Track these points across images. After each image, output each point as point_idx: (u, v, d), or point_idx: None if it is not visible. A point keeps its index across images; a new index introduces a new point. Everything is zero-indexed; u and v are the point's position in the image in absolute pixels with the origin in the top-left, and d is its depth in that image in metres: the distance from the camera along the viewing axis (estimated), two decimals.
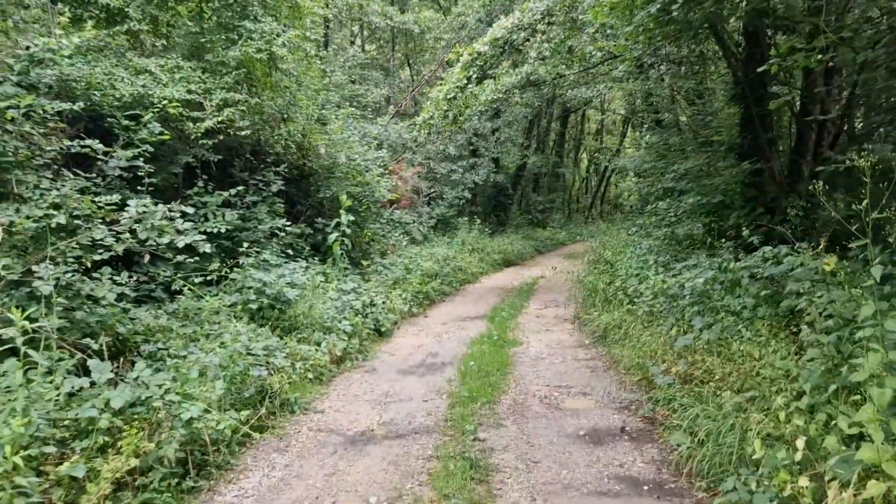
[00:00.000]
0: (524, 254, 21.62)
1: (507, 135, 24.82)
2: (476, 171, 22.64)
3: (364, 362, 8.29)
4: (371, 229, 13.46)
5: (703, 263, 7.73)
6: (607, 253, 12.07)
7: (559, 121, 34.06)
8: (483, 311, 11.98)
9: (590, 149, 41.68)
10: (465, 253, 17.88)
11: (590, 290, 10.69)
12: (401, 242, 15.98)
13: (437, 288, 13.23)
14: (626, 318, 8.14)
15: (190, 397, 4.64)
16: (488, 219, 25.09)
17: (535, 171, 30.41)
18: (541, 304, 12.56)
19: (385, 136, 17.16)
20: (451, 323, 10.97)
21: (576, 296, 12.07)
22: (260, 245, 9.58)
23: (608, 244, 14.65)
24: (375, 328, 9.70)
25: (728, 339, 5.55)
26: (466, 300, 13.39)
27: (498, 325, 10.45)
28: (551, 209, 32.49)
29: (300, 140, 11.94)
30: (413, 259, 14.52)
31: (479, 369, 7.53)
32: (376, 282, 11.93)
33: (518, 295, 13.77)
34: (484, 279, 16.62)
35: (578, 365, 7.78)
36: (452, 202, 21.69)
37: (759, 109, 10.41)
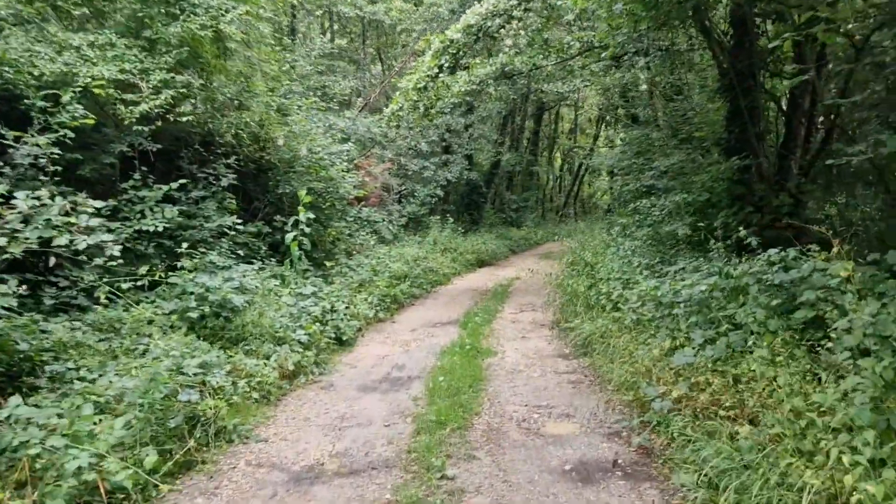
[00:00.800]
0: (498, 254, 20.81)
1: (481, 131, 24.00)
2: (449, 169, 21.78)
3: (321, 377, 7.37)
4: (335, 228, 12.52)
5: (700, 267, 6.96)
6: (587, 254, 11.29)
7: (533, 118, 33.34)
8: (455, 315, 11.12)
9: (563, 147, 41.07)
10: (436, 253, 17.01)
11: (570, 294, 9.88)
12: (368, 242, 15.06)
13: (406, 291, 12.34)
14: (610, 326, 7.32)
15: (81, 439, 3.69)
16: (461, 217, 24.24)
17: (509, 169, 29.63)
18: (516, 308, 11.74)
19: (353, 129, 16.21)
20: (421, 329, 10.09)
21: (554, 300, 11.28)
22: (208, 245, 8.62)
23: (587, 244, 13.87)
24: (336, 337, 8.78)
25: (736, 357, 4.76)
26: (438, 303, 12.52)
27: (471, 331, 9.60)
28: (525, 208, 31.75)
29: (257, 131, 10.99)
30: (381, 260, 13.62)
31: (450, 386, 6.65)
32: (340, 284, 11.00)
33: (492, 298, 12.93)
34: (457, 280, 15.77)
35: (559, 379, 6.95)
36: (424, 200, 20.80)
37: (747, 101, 9.70)
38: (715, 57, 10.89)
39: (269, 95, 11.06)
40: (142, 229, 7.55)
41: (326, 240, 12.18)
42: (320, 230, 11.96)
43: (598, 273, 9.65)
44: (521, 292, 13.62)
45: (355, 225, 15.55)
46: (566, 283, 10.52)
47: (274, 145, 11.10)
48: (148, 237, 7.77)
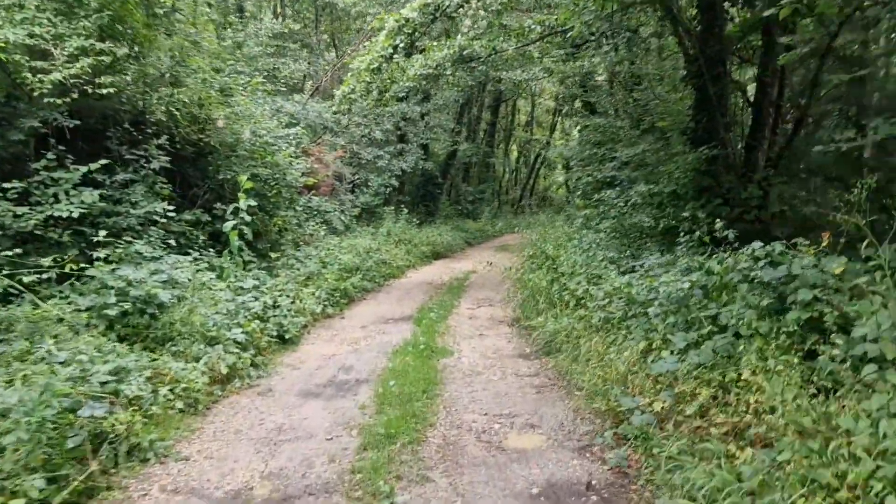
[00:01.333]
0: (454, 246, 20.20)
1: (437, 120, 23.31)
2: (404, 158, 21.04)
3: (259, 380, 6.61)
4: (282, 217, 11.68)
5: (675, 262, 6.42)
6: (548, 246, 10.74)
7: (490, 110, 32.82)
8: (409, 311, 10.44)
9: (520, 140, 40.70)
10: (390, 245, 16.29)
11: (530, 289, 9.30)
12: (319, 233, 14.25)
13: (357, 284, 11.60)
14: (576, 325, 6.75)
15: None
16: (416, 209, 23.54)
17: (465, 160, 29.05)
18: (473, 303, 11.12)
19: (303, 114, 15.32)
20: (372, 326, 9.39)
21: (513, 295, 10.70)
22: (135, 233, 7.74)
23: (547, 236, 13.33)
24: (279, 335, 8.01)
25: (723, 364, 4.21)
26: (391, 298, 11.82)
27: (425, 328, 8.94)
28: (482, 200, 31.23)
29: (196, 112, 10.09)
30: (331, 251, 12.84)
31: (402, 391, 5.97)
32: (285, 278, 10.20)
33: (448, 292, 12.29)
34: (411, 273, 15.08)
35: (521, 383, 6.35)
36: (378, 190, 20.03)
37: (716, 89, 9.27)
38: (681, 43, 10.45)
39: (208, 73, 10.15)
40: (55, 215, 6.64)
41: (272, 230, 11.35)
42: (265, 219, 11.13)
43: (560, 267, 9.09)
44: (478, 286, 13.02)
45: (305, 214, 14.71)
46: (526, 277, 9.95)
47: (214, 127, 10.21)
48: (63, 224, 6.87)
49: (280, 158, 11.06)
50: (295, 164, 11.77)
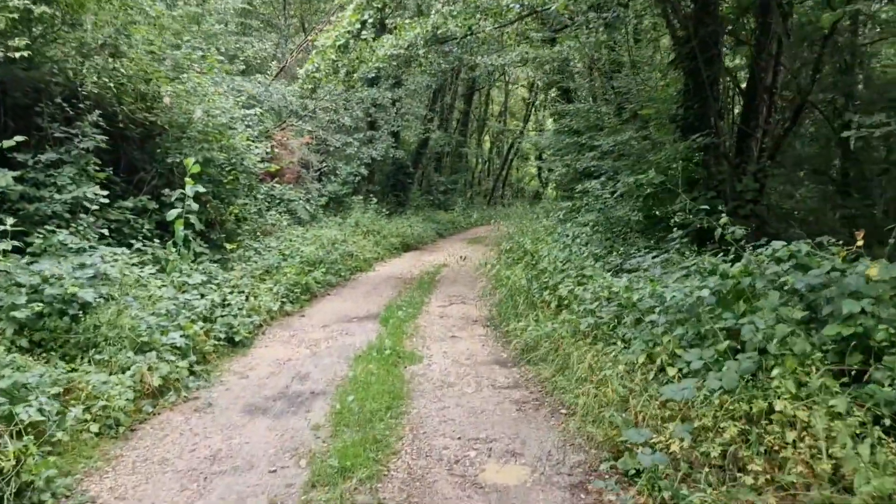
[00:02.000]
0: (425, 238, 19.35)
1: (409, 106, 22.37)
2: (374, 146, 20.09)
3: (199, 392, 5.71)
4: (239, 205, 10.71)
5: (682, 262, 5.65)
6: (526, 240, 9.95)
7: (463, 98, 31.95)
8: (375, 308, 9.59)
9: (493, 130, 39.91)
10: (358, 236, 15.39)
11: (508, 287, 8.50)
12: (281, 222, 13.30)
13: (320, 279, 10.70)
14: (560, 330, 5.97)
15: None
16: (386, 199, 22.64)
17: (437, 149, 28.18)
18: (445, 300, 10.31)
19: (266, 96, 14.29)
20: (334, 325, 8.53)
21: (488, 292, 9.92)
22: (62, 221, 6.78)
23: (524, 229, 12.52)
24: (228, 337, 7.11)
25: (751, 389, 3.45)
26: (356, 293, 10.94)
27: (392, 329, 8.10)
28: (454, 191, 30.40)
29: (144, 88, 9.11)
30: (294, 243, 11.92)
31: (362, 409, 5.13)
32: (241, 271, 9.28)
33: (418, 287, 11.45)
34: (379, 266, 14.21)
35: (499, 397, 5.55)
36: (347, 179, 19.06)
37: (710, 72, 8.56)
38: (669, 24, 9.72)
39: (156, 45, 9.14)
40: None
41: (228, 219, 10.38)
42: (220, 207, 10.16)
43: (540, 263, 8.32)
44: (450, 281, 12.21)
45: (266, 203, 13.75)
46: (502, 273, 9.14)
47: (162, 105, 9.21)
48: None
49: (237, 141, 10.08)
50: (254, 148, 10.78)
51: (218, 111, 9.91)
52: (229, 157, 10.31)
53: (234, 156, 10.32)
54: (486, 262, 10.70)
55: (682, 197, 8.23)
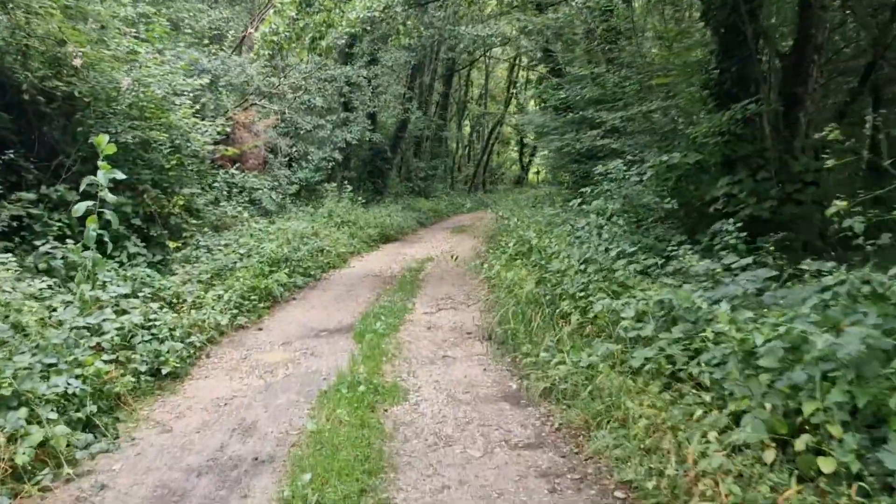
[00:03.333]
0: (405, 227, 17.58)
1: (387, 84, 20.51)
2: (348, 128, 18.23)
3: (95, 461, 3.98)
4: (185, 195, 8.90)
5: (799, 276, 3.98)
6: (530, 233, 8.24)
7: (443, 80, 30.08)
8: (349, 317, 7.89)
9: (473, 114, 38.10)
10: (331, 227, 13.62)
11: (514, 294, 6.81)
12: (242, 214, 11.47)
13: (284, 281, 8.94)
14: (602, 366, 4.29)
15: None
16: (363, 186, 20.83)
17: (417, 133, 26.33)
18: (432, 305, 8.62)
19: (222, 70, 12.39)
20: (298, 342, 6.82)
21: (482, 294, 8.26)
22: None
23: (521, 217, 10.77)
24: (153, 369, 5.37)
25: None
26: (328, 297, 9.20)
27: (369, 348, 6.41)
28: (434, 177, 28.60)
29: (59, 52, 7.32)
30: (255, 237, 10.13)
31: (323, 498, 3.43)
32: (184, 276, 7.52)
33: (400, 288, 9.74)
34: (355, 262, 12.46)
35: (519, 465, 3.88)
36: (319, 165, 17.20)
37: (755, 26, 6.91)
38: None
39: None
40: None
41: (172, 211, 8.57)
42: (161, 198, 8.35)
43: (550, 262, 6.64)
44: (437, 279, 10.50)
45: (225, 192, 11.91)
46: (504, 274, 7.44)
47: (81, 72, 7.37)
48: None
49: (176, 118, 8.26)
50: (201, 127, 8.96)
51: (152, 80, 8.06)
52: (171, 138, 8.50)
53: (176, 136, 8.50)
54: (480, 259, 9.01)
55: (724, 179, 6.62)
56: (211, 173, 11.23)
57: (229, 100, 13.97)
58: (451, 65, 29.75)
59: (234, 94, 14.23)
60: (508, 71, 37.27)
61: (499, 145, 41.94)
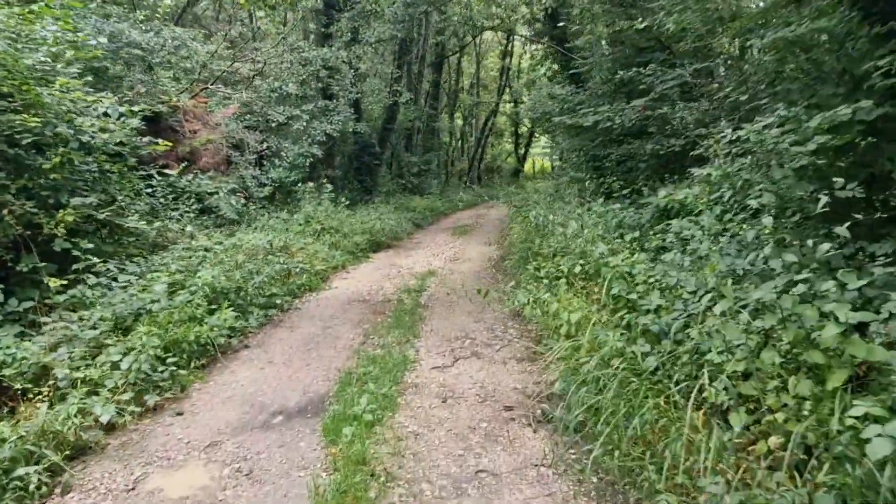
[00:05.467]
0: (399, 232, 14.71)
1: (371, 64, 17.65)
2: (328, 119, 15.36)
3: None
4: (74, 209, 6.02)
5: None
6: (598, 245, 5.30)
7: (432, 68, 27.23)
8: (320, 381, 5.11)
9: (465, 104, 35.24)
10: (307, 237, 10.79)
11: (574, 348, 3.96)
12: (186, 228, 8.64)
13: (230, 324, 6.11)
14: None
15: None
16: (349, 185, 18.00)
17: (407, 125, 23.47)
18: (443, 350, 5.83)
19: (155, 45, 9.49)
20: (230, 444, 4.06)
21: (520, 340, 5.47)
22: None
23: (555, 215, 7.86)
24: None
25: None
26: (293, 342, 6.39)
27: (346, 461, 3.62)
28: (428, 172, 25.71)
29: None
30: (196, 260, 7.33)
31: None
32: (58, 336, 4.71)
33: (396, 321, 6.92)
34: (338, 280, 9.62)
35: None
36: (295, 162, 14.34)
37: None
38: None
39: None
40: None
41: (56, 232, 5.71)
42: (34, 214, 5.50)
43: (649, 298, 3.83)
44: (445, 305, 7.68)
45: (162, 200, 9.08)
46: (560, 313, 4.57)
47: None
48: None
49: (50, 98, 5.41)
50: (96, 107, 6.12)
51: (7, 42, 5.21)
52: (49, 123, 5.65)
53: (56, 121, 5.65)
54: (504, 276, 6.19)
55: None
56: (140, 176, 8.39)
57: (178, 85, 11.11)
58: (440, 51, 26.94)
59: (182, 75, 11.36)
60: (501, 57, 34.46)
61: (493, 137, 39.11)
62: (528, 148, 41.22)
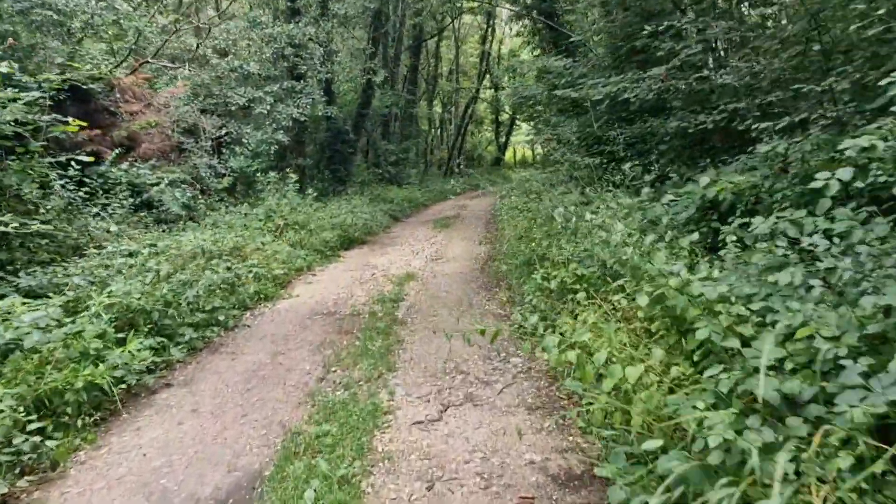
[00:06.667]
0: (374, 226, 13.11)
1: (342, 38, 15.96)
2: (295, 101, 13.66)
3: None
4: None
5: None
6: (623, 250, 3.80)
7: (410, 52, 25.52)
8: (255, 451, 3.57)
9: (444, 91, 33.56)
10: (267, 235, 9.18)
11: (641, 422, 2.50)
12: (109, 227, 7.02)
13: (134, 360, 4.52)
14: None
15: None
16: (322, 175, 16.33)
17: (384, 111, 21.78)
18: (425, 384, 4.33)
19: (75, 6, 7.76)
20: None
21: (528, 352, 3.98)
22: None
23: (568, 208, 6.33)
24: None
25: None
26: (230, 379, 4.82)
27: None
28: (406, 161, 24.04)
29: None
30: (110, 270, 5.73)
31: None
32: None
33: (365, 345, 5.37)
34: (301, 285, 8.04)
35: None
36: (258, 149, 12.68)
37: None
38: None
39: None
40: None
41: None
42: None
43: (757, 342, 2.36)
44: (427, 320, 6.14)
45: (85, 193, 7.43)
46: (615, 374, 3.06)
47: None
48: None
49: None
50: None
51: None
52: None
53: None
54: (526, 311, 4.69)
55: None
56: (50, 164, 6.71)
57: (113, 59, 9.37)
58: (417, 33, 25.23)
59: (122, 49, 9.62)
60: (481, 42, 32.83)
61: (473, 125, 37.48)
62: (508, 136, 39.70)
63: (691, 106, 6.57)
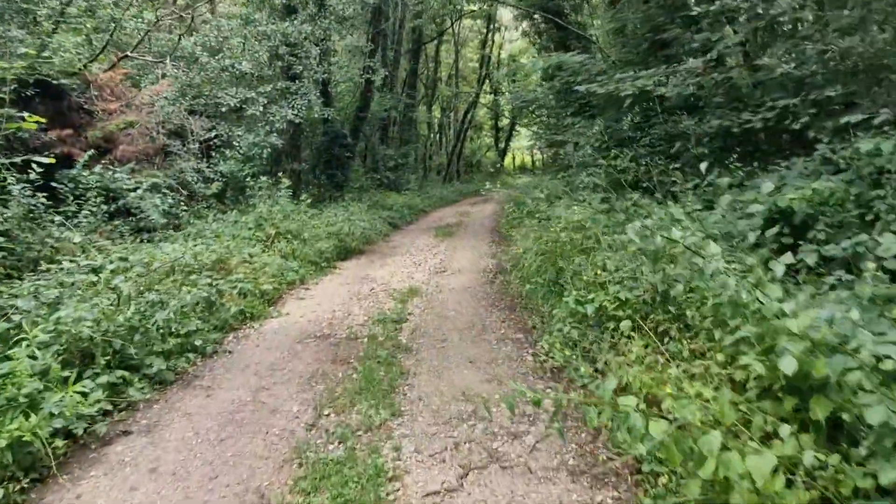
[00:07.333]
0: (372, 234, 12.24)
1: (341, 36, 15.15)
2: (290, 103, 12.82)
3: None
4: None
5: None
6: (716, 280, 3.04)
7: (409, 55, 24.74)
8: None
9: (443, 96, 32.79)
10: (255, 246, 8.34)
11: None
12: (72, 239, 6.19)
13: (79, 406, 3.68)
14: None
15: None
16: (319, 180, 15.50)
17: (382, 115, 20.95)
18: (437, 434, 3.50)
19: None
20: None
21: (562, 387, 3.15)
22: None
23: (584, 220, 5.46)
24: None
25: None
26: (200, 425, 3.98)
27: None
28: (405, 167, 23.18)
29: None
30: (63, 290, 4.89)
31: None
32: None
33: (366, 379, 4.54)
34: (291, 301, 7.18)
35: None
36: (250, 153, 11.85)
37: None
38: None
39: None
40: None
41: None
42: None
43: None
44: (435, 346, 5.31)
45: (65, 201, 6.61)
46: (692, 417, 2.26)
47: None
48: None
49: None
50: None
51: None
52: None
53: None
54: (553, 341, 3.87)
55: None
56: (5, 165, 5.88)
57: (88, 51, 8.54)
58: (417, 37, 24.47)
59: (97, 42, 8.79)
60: (481, 46, 32.13)
61: (472, 130, 36.71)
62: (508, 142, 38.96)
63: (732, 103, 5.76)
